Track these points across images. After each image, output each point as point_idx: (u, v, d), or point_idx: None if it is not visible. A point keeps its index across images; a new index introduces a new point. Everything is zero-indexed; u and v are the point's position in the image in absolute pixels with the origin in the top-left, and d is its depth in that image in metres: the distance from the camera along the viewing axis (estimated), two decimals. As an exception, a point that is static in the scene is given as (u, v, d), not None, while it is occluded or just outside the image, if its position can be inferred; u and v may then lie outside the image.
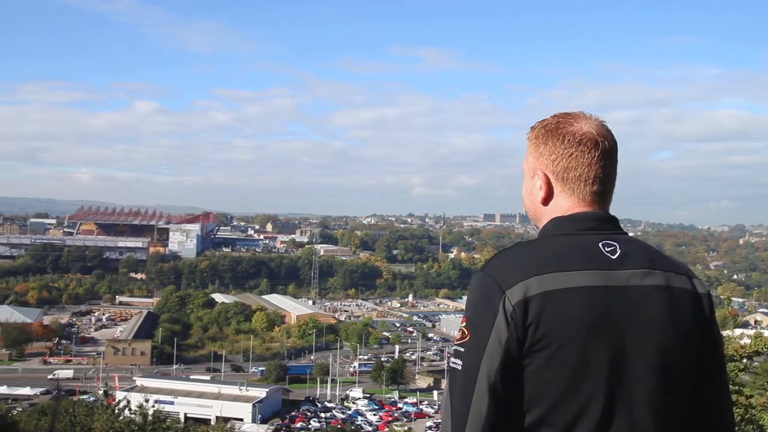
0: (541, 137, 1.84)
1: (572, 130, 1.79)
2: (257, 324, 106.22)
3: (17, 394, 59.14)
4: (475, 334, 1.62)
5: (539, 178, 1.83)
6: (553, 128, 1.82)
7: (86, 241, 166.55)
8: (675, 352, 1.65)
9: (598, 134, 1.79)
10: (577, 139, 1.78)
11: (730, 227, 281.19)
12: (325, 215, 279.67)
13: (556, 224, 1.79)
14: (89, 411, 11.89)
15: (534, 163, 1.85)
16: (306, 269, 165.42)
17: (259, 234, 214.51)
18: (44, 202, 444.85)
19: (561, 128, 1.81)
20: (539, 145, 1.84)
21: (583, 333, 1.59)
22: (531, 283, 1.61)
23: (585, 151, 1.78)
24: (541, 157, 1.83)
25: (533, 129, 1.87)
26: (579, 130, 1.79)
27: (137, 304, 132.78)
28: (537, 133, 1.85)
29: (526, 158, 1.89)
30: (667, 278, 1.70)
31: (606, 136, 1.81)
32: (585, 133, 1.78)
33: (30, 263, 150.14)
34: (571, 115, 1.83)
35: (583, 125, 1.80)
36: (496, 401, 1.57)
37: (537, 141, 1.85)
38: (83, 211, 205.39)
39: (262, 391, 64.15)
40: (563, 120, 1.82)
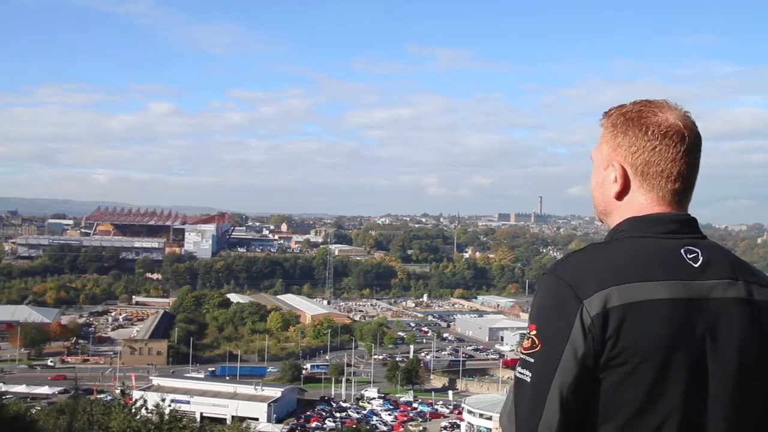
0: (620, 126, 1.68)
1: (657, 120, 1.64)
2: (272, 324, 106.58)
3: (36, 393, 59.74)
4: (548, 345, 1.50)
5: (615, 170, 1.69)
6: (635, 117, 1.66)
7: (103, 242, 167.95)
8: (755, 371, 1.53)
9: (685, 127, 1.64)
10: (662, 131, 1.63)
11: (748, 226, 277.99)
12: (339, 215, 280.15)
13: (633, 225, 1.66)
14: (106, 410, 12.00)
15: (610, 153, 1.70)
16: (321, 269, 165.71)
17: (274, 234, 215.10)
18: (61, 203, 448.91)
19: (644, 117, 1.65)
20: (617, 135, 1.68)
21: (664, 349, 1.48)
22: (611, 293, 1.49)
23: (670, 144, 1.63)
24: (619, 147, 1.67)
25: (609, 115, 1.71)
26: (665, 122, 1.63)
27: (153, 304, 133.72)
28: (615, 121, 1.69)
29: (599, 147, 1.74)
30: (749, 290, 1.58)
31: (692, 129, 1.66)
32: (671, 125, 1.63)
33: (48, 264, 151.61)
34: (654, 103, 1.68)
35: (669, 116, 1.64)
36: (568, 417, 1.48)
37: (615, 130, 1.69)
38: (100, 211, 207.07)
39: (278, 391, 64.34)
40: (646, 108, 1.66)
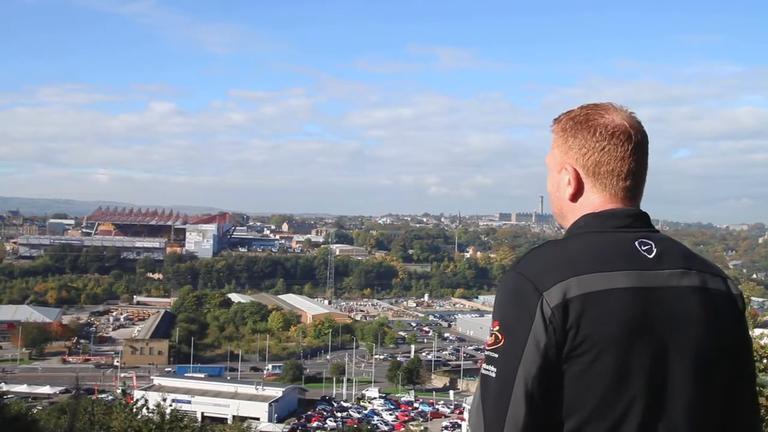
0: (569, 130, 1.73)
1: (604, 122, 1.69)
2: (273, 324, 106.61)
3: (37, 393, 59.78)
4: (510, 339, 1.52)
5: (568, 173, 1.73)
6: (582, 120, 1.71)
7: (104, 242, 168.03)
8: (713, 356, 1.59)
9: (631, 126, 1.70)
10: (610, 132, 1.68)
11: (749, 226, 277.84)
12: (340, 215, 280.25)
13: (588, 221, 1.70)
14: (108, 410, 11.99)
15: (562, 157, 1.75)
16: (321, 269, 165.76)
17: (275, 234, 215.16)
18: (63, 202, 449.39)
19: (591, 120, 1.71)
20: (567, 138, 1.73)
21: (625, 337, 1.51)
22: (570, 284, 1.52)
23: (618, 144, 1.69)
24: (570, 150, 1.72)
25: (558, 121, 1.76)
26: (611, 122, 1.69)
27: (154, 303, 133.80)
28: (564, 126, 1.75)
29: (551, 152, 1.78)
30: (703, 279, 1.63)
31: (638, 128, 1.72)
32: (618, 126, 1.69)
33: (49, 263, 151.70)
34: (600, 106, 1.73)
35: (615, 117, 1.70)
36: (534, 409, 1.49)
37: (565, 134, 1.74)
38: (101, 211, 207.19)
39: (279, 391, 64.36)
40: (593, 111, 1.72)
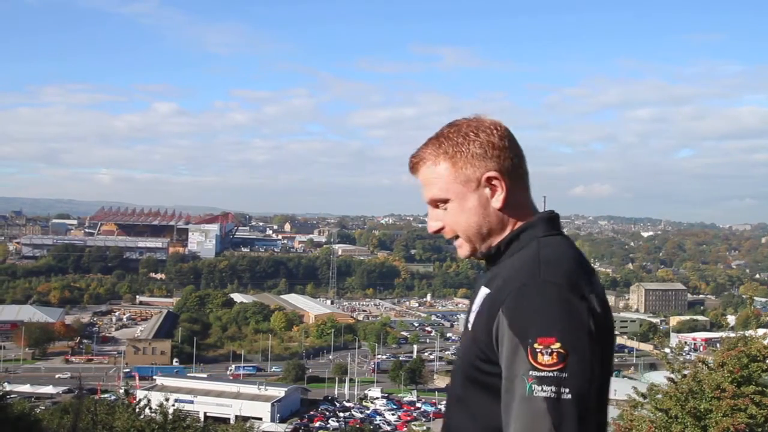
0: (470, 144, 1.61)
1: (493, 125, 1.65)
2: (276, 324, 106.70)
3: (40, 393, 59.89)
4: (577, 356, 1.41)
5: (488, 183, 1.61)
6: (474, 130, 1.64)
7: (107, 242, 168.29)
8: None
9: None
10: (505, 133, 1.65)
11: (752, 226, 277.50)
12: (342, 215, 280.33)
13: (542, 223, 1.64)
14: (110, 410, 12.00)
15: (475, 172, 1.61)
16: (324, 269, 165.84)
17: (278, 234, 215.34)
18: (65, 202, 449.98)
19: (482, 128, 1.64)
20: (473, 152, 1.61)
21: (609, 334, 1.55)
22: (589, 290, 1.52)
23: (515, 142, 1.66)
24: (483, 160, 1.61)
25: (444, 144, 1.64)
26: (498, 124, 1.66)
27: (157, 303, 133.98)
28: (461, 143, 1.62)
29: (454, 178, 1.63)
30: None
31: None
32: (504, 127, 1.66)
33: (52, 263, 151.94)
34: (471, 117, 1.68)
35: (493, 120, 1.67)
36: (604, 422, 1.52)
37: (467, 149, 1.61)
38: (104, 211, 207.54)
39: (281, 391, 64.41)
40: (475, 121, 1.66)
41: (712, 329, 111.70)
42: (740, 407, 6.70)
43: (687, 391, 7.23)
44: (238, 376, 77.74)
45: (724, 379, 7.01)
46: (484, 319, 1.54)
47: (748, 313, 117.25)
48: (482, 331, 1.54)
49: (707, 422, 6.78)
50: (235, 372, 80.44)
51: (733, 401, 6.75)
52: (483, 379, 1.55)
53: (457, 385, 1.64)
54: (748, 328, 9.03)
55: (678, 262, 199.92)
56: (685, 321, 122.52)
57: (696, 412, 6.87)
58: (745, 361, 7.18)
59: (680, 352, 10.05)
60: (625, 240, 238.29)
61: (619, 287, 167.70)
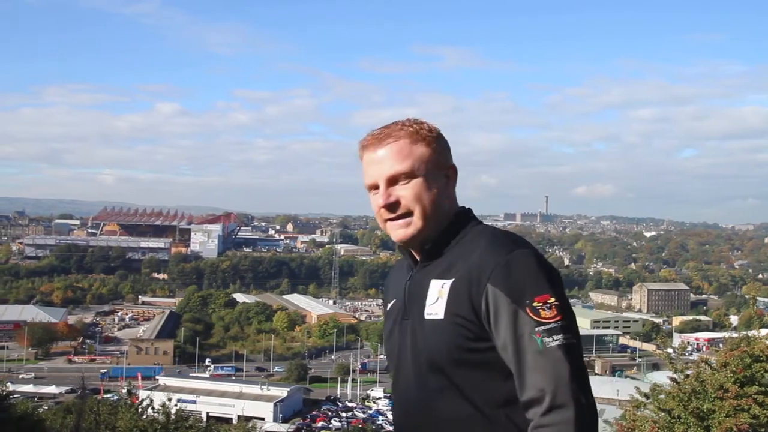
0: (440, 137, 1.87)
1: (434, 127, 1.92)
2: (278, 324, 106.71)
3: (43, 393, 59.97)
4: (570, 313, 1.66)
5: (450, 173, 1.91)
6: (436, 130, 1.89)
7: (109, 242, 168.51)
8: None
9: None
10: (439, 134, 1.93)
11: (755, 226, 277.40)
12: (345, 215, 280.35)
13: (472, 214, 1.93)
14: (113, 410, 11.99)
15: (445, 161, 1.89)
16: (326, 269, 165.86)
17: (280, 234, 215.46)
18: (68, 203, 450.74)
19: (433, 129, 1.88)
20: (443, 144, 1.89)
21: None
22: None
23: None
24: (446, 152, 1.89)
25: (420, 131, 1.85)
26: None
27: (159, 304, 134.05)
28: (433, 135, 1.86)
29: (428, 158, 1.84)
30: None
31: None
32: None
33: (55, 264, 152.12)
34: (410, 119, 1.90)
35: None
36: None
37: (439, 141, 1.86)
38: (106, 212, 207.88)
39: (284, 391, 64.45)
40: (422, 123, 1.89)
41: (715, 329, 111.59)
42: (743, 407, 6.68)
43: (690, 392, 7.22)
44: (218, 376, 77.60)
45: (727, 379, 6.99)
46: (465, 303, 1.70)
47: (751, 313, 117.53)
48: (467, 314, 1.69)
49: (710, 422, 6.77)
50: (215, 372, 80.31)
51: (736, 401, 6.73)
52: (476, 357, 1.70)
53: (434, 378, 1.75)
54: (751, 328, 9.02)
55: (681, 262, 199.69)
56: (688, 321, 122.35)
57: (699, 413, 6.86)
58: (748, 362, 7.16)
59: (683, 352, 10.03)
60: (627, 240, 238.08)
61: (621, 287, 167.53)
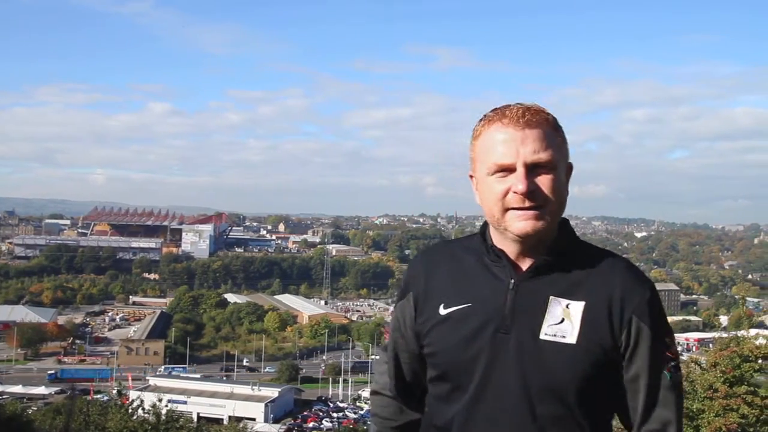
0: (563, 130, 1.72)
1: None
2: (269, 324, 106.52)
3: (32, 394, 59.62)
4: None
5: (569, 170, 1.72)
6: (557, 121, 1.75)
7: (100, 242, 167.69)
8: None
9: None
10: None
11: (745, 226, 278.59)
12: (337, 215, 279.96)
13: (570, 224, 1.84)
14: (103, 410, 11.94)
15: (568, 156, 1.71)
16: (318, 269, 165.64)
17: (272, 234, 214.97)
18: (59, 202, 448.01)
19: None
20: (566, 139, 1.72)
21: None
22: None
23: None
24: (568, 148, 1.73)
25: (553, 121, 1.68)
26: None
27: (150, 304, 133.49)
28: (561, 128, 1.71)
29: (564, 151, 1.69)
30: None
31: None
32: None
33: (45, 264, 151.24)
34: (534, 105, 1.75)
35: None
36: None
37: (564, 135, 1.71)
38: (97, 211, 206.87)
39: (275, 391, 64.33)
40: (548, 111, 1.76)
41: (705, 329, 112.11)
42: (732, 407, 6.72)
43: (679, 392, 7.24)
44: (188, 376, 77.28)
45: (717, 379, 7.04)
46: (605, 330, 1.62)
47: (741, 313, 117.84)
48: (606, 342, 1.62)
49: (700, 422, 6.80)
50: (164, 373, 79.77)
51: (725, 401, 6.77)
52: (599, 387, 1.63)
53: (548, 404, 1.62)
54: (741, 328, 9.08)
55: (671, 263, 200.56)
56: (678, 321, 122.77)
57: (689, 413, 6.89)
58: (738, 362, 7.21)
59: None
60: (618, 240, 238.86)
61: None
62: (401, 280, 1.87)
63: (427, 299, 1.75)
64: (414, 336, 1.79)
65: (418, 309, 1.77)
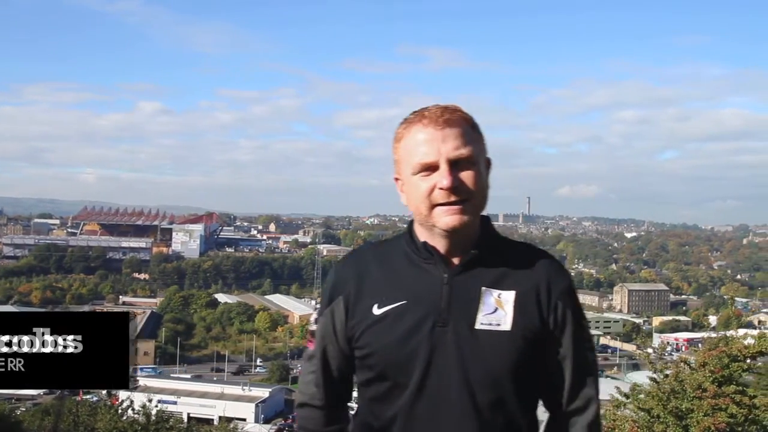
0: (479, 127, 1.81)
1: None
2: (260, 324, 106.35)
3: (21, 394, 59.22)
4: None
5: (489, 167, 1.82)
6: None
7: (90, 242, 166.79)
8: None
9: None
10: None
11: (734, 227, 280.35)
12: (328, 215, 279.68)
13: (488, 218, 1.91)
14: (92, 411, 11.89)
15: (486, 153, 1.81)
16: (309, 269, 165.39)
17: (262, 234, 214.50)
18: (48, 202, 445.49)
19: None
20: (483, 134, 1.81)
21: None
22: None
23: None
24: (485, 144, 1.82)
25: (469, 118, 1.76)
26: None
27: (140, 304, 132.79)
28: (476, 123, 1.79)
29: (483, 146, 1.78)
30: None
31: None
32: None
33: (33, 263, 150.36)
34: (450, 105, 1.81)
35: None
36: None
37: (480, 130, 1.80)
38: (87, 211, 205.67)
39: (265, 391, 64.22)
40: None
41: (694, 329, 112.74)
42: (721, 407, 6.76)
43: (669, 391, 7.29)
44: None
45: (706, 378, 7.08)
46: (535, 317, 1.72)
47: (729, 313, 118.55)
48: (537, 327, 1.71)
49: (689, 422, 6.84)
50: (133, 375, 79.57)
51: (714, 401, 6.81)
52: (532, 370, 1.73)
53: (489, 391, 1.68)
54: (729, 328, 9.12)
55: (661, 263, 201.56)
56: (668, 321, 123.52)
57: (678, 412, 6.93)
58: (726, 361, 7.25)
59: (663, 352, 10.15)
60: (608, 241, 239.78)
61: (602, 288, 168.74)
62: (326, 286, 1.84)
63: (358, 301, 1.76)
64: (346, 340, 1.79)
65: (349, 312, 1.76)
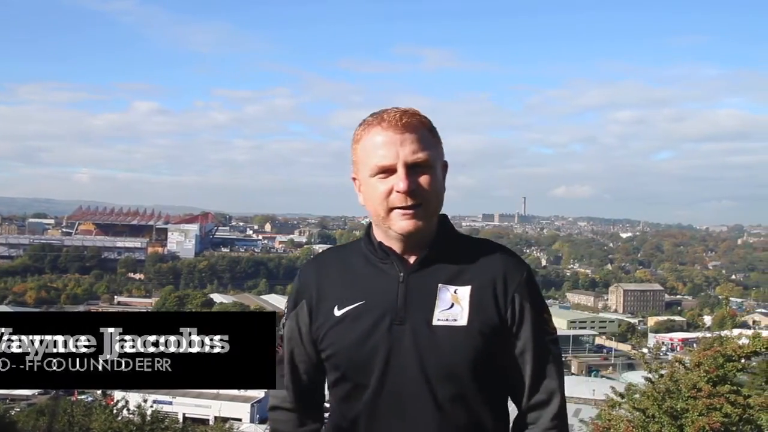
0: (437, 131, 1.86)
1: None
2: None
3: (15, 395, 59.04)
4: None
5: (444, 169, 1.86)
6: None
7: (85, 242, 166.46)
8: None
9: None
10: None
11: (729, 227, 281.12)
12: (323, 215, 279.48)
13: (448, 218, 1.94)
14: (87, 411, 11.88)
15: (443, 157, 1.85)
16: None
17: (258, 234, 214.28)
18: (43, 202, 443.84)
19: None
20: (440, 138, 1.85)
21: None
22: None
23: None
24: (442, 148, 1.86)
25: (428, 122, 1.81)
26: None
27: (136, 304, 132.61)
28: (435, 128, 1.84)
29: (440, 150, 1.82)
30: None
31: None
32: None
33: (28, 263, 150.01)
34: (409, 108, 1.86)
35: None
36: None
37: (438, 135, 1.85)
38: (82, 211, 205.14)
39: (261, 392, 64.15)
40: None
41: (689, 329, 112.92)
42: (716, 406, 6.78)
43: (664, 391, 7.31)
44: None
45: (700, 378, 7.09)
46: (491, 311, 1.72)
47: (724, 313, 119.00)
48: (494, 322, 1.72)
49: (683, 421, 6.86)
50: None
51: (708, 400, 6.83)
52: (492, 364, 1.73)
53: (447, 386, 1.70)
54: (724, 328, 9.16)
55: (656, 263, 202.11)
56: (663, 321, 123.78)
57: (673, 412, 6.96)
58: (721, 361, 7.27)
59: (658, 352, 10.17)
60: (604, 241, 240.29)
61: (598, 288, 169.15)
62: (291, 291, 1.94)
63: (320, 304, 1.81)
64: (311, 342, 1.83)
65: (313, 315, 1.82)
